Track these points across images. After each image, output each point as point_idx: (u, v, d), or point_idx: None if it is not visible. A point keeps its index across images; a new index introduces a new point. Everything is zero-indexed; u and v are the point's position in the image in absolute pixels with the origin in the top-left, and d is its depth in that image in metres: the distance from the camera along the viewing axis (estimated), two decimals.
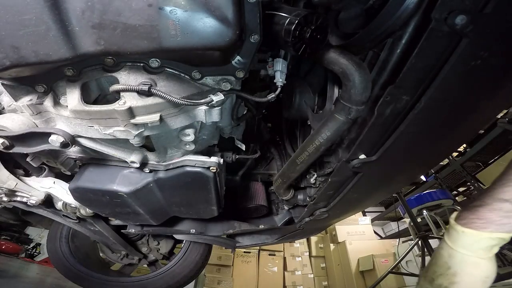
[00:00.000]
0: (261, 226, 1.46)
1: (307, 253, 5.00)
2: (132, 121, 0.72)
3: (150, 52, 0.62)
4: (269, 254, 4.60)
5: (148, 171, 1.00)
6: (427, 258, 3.20)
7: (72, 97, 0.71)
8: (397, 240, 4.62)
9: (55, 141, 0.76)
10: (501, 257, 3.10)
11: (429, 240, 3.33)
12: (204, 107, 0.80)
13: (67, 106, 0.73)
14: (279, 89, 0.79)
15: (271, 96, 0.80)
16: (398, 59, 0.64)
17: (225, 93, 0.78)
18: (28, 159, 1.01)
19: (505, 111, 3.06)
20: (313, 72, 1.10)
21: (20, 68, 0.63)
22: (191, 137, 0.89)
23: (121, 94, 0.70)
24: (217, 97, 0.76)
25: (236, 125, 1.09)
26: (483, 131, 3.99)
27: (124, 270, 1.88)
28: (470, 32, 0.54)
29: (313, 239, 5.15)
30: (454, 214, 0.72)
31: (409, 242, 4.28)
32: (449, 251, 0.68)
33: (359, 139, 0.80)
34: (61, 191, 1.17)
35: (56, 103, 0.76)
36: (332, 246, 4.94)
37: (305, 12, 0.65)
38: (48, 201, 1.21)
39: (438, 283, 0.68)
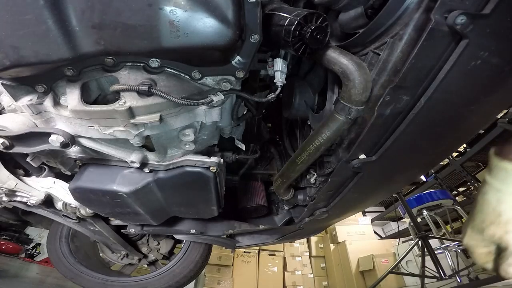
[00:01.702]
0: (261, 226, 1.45)
1: (307, 253, 5.00)
2: (132, 121, 0.72)
3: (150, 52, 0.62)
4: (269, 254, 4.60)
5: (148, 171, 1.00)
6: (427, 258, 3.19)
7: (72, 97, 0.71)
8: (397, 240, 4.62)
9: (55, 141, 0.76)
10: None
11: (429, 240, 3.33)
12: (204, 107, 0.80)
13: (67, 106, 0.73)
14: (279, 89, 0.79)
15: (271, 96, 0.80)
16: (398, 59, 0.64)
17: (225, 93, 0.78)
18: (28, 159, 1.01)
19: (505, 111, 3.05)
20: (313, 72, 1.10)
21: (20, 68, 0.63)
22: (191, 137, 0.89)
23: (121, 94, 0.70)
24: (217, 97, 0.76)
25: (236, 125, 1.09)
26: (483, 131, 3.99)
27: (124, 270, 1.88)
28: (470, 32, 0.54)
29: (313, 239, 5.14)
30: (493, 150, 0.61)
31: (409, 242, 4.28)
32: (497, 195, 0.57)
33: (359, 139, 0.80)
34: (61, 191, 1.17)
35: (56, 103, 0.76)
36: (332, 246, 4.93)
37: (305, 12, 0.65)
38: (48, 201, 1.21)
39: (490, 233, 0.58)
